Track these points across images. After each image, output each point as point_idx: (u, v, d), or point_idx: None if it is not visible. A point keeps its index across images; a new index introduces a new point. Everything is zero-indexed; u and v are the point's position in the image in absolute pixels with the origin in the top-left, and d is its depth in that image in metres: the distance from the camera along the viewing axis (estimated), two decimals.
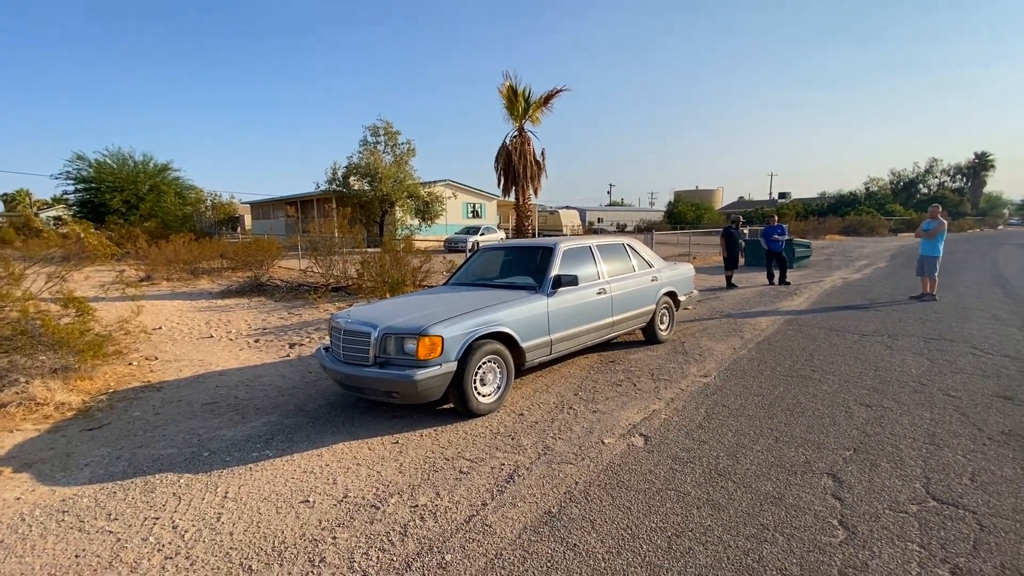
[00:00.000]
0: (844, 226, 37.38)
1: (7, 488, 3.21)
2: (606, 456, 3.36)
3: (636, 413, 4.09)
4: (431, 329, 3.75)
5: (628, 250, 6.02)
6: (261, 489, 3.06)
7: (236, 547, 2.51)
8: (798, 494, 2.84)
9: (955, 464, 3.15)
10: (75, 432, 4.12)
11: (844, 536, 2.46)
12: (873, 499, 2.78)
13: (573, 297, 4.86)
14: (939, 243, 8.82)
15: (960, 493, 2.82)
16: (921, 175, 60.32)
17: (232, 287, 12.22)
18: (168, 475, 3.30)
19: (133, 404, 4.80)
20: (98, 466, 3.48)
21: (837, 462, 3.21)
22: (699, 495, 2.85)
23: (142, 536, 2.63)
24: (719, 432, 3.69)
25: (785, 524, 2.57)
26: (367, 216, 24.08)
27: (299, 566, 2.35)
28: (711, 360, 5.58)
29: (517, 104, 12.07)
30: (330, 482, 3.12)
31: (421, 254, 11.13)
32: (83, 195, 27.65)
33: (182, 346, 7.15)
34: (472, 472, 3.19)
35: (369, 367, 3.88)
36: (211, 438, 3.90)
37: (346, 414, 4.28)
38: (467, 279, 5.59)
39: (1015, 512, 2.63)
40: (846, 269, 15.04)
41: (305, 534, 2.59)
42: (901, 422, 3.80)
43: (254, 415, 4.38)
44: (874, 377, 4.89)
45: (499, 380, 4.20)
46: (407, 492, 2.97)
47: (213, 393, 5.06)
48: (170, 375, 5.75)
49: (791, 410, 4.09)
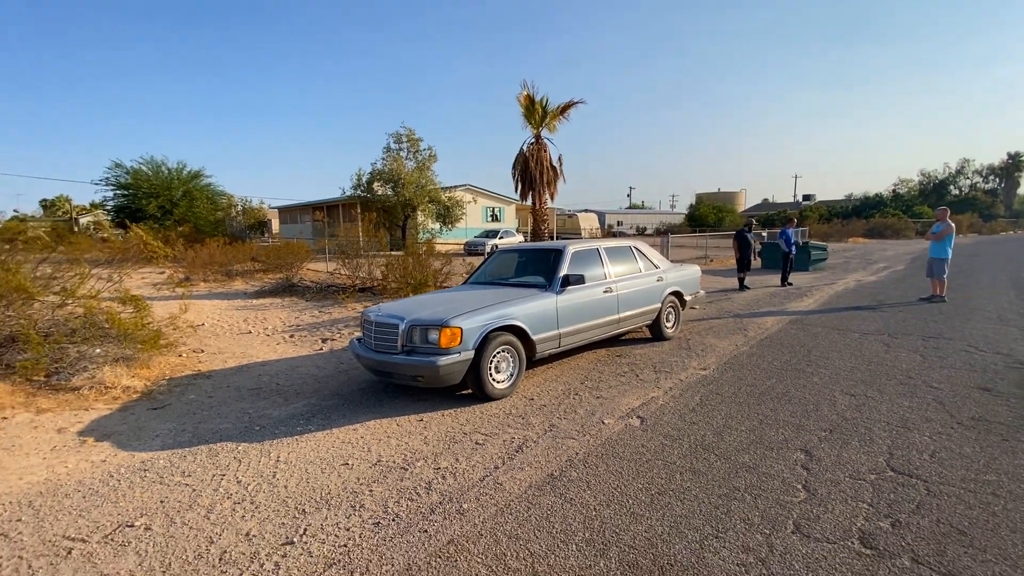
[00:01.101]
0: (868, 228, 36.81)
1: (93, 453, 3.81)
2: (605, 433, 3.80)
3: (636, 399, 4.51)
4: (452, 321, 4.25)
5: (634, 252, 6.44)
6: (307, 455, 3.59)
7: (291, 496, 3.03)
8: (771, 465, 3.24)
9: (920, 443, 3.50)
10: (142, 411, 4.72)
11: (804, 496, 2.86)
12: (837, 469, 3.16)
13: (580, 295, 5.30)
14: (947, 245, 8.98)
15: (917, 466, 3.18)
16: (952, 176, 58.77)
17: (265, 288, 12.96)
18: (227, 444, 3.85)
19: (188, 389, 5.41)
20: (167, 437, 4.06)
21: (812, 440, 3.59)
22: (683, 464, 3.27)
23: (213, 488, 3.17)
24: (709, 415, 4.10)
25: (755, 487, 2.97)
26: (390, 220, 24.84)
27: (343, 509, 2.85)
28: (712, 355, 5.95)
29: (535, 112, 12.55)
30: (365, 450, 3.64)
31: (442, 257, 11.68)
32: (121, 201, 29.08)
33: (224, 341, 7.79)
34: (486, 443, 3.66)
35: (397, 354, 4.39)
36: (260, 416, 4.46)
37: (376, 397, 4.80)
38: (484, 279, 6.08)
39: (963, 482, 2.98)
40: (862, 272, 15.10)
41: (346, 487, 3.10)
42: (880, 409, 4.15)
43: (295, 398, 4.93)
44: (865, 371, 5.21)
45: (512, 368, 4.67)
46: (431, 458, 3.47)
47: (257, 380, 5.64)
48: (217, 365, 6.37)
49: (779, 398, 4.46)
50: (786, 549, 2.40)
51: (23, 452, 3.81)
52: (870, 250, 24.96)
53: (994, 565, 2.27)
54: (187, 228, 25.03)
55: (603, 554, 2.41)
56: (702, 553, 2.39)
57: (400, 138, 24.24)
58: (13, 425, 4.32)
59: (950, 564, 2.28)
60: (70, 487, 3.25)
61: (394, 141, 24.25)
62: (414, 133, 24.15)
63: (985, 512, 2.67)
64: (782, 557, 2.35)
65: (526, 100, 12.43)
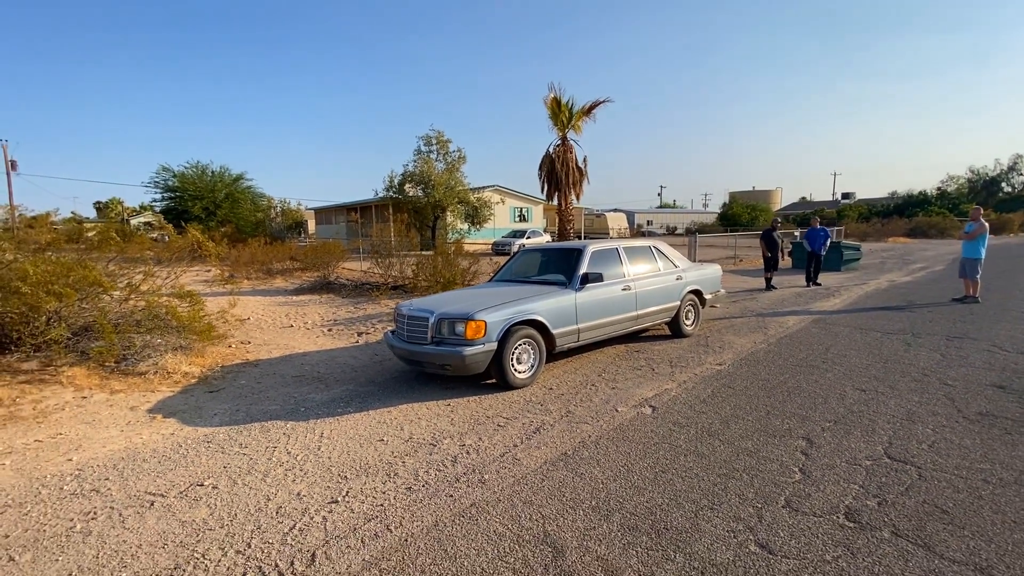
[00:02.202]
0: (911, 228, 35.50)
1: (162, 427, 4.33)
2: (617, 420, 4.09)
3: (649, 390, 4.78)
4: (477, 315, 4.61)
5: (654, 251, 6.67)
6: (347, 432, 4.01)
7: (334, 465, 3.44)
8: (772, 450, 3.47)
9: (921, 435, 3.65)
10: (200, 394, 5.26)
11: (799, 478, 3.09)
12: (835, 456, 3.36)
13: (599, 292, 5.59)
14: (980, 245, 8.84)
15: (913, 454, 3.35)
16: (1004, 173, 55.91)
17: (304, 285, 13.66)
18: (277, 422, 4.31)
19: (239, 375, 5.94)
20: (224, 415, 4.55)
21: (815, 430, 3.79)
22: (688, 447, 3.54)
23: (267, 456, 3.62)
24: (719, 406, 4.33)
25: (753, 469, 3.22)
26: (420, 221, 25.52)
27: (379, 477, 3.24)
28: (729, 352, 6.14)
29: (561, 115, 12.84)
30: (398, 428, 4.03)
31: (470, 256, 12.10)
32: (168, 203, 30.79)
33: (268, 333, 8.39)
34: (507, 426, 4.01)
35: (427, 345, 4.78)
36: (304, 399, 4.93)
37: (408, 385, 5.21)
38: (509, 276, 6.43)
39: (956, 469, 3.15)
40: (897, 272, 14.77)
41: (382, 459, 3.50)
42: (888, 403, 4.29)
43: (335, 384, 5.39)
44: (880, 368, 5.32)
45: (533, 360, 5.00)
46: (456, 436, 3.83)
47: (300, 369, 6.14)
48: (263, 355, 6.92)
49: (790, 392, 4.65)
50: (774, 520, 2.66)
51: (103, 426, 4.37)
52: (910, 250, 24.17)
53: (969, 540, 2.47)
54: (229, 229, 26.36)
55: (607, 518, 2.71)
56: (696, 520, 2.67)
57: (430, 140, 24.89)
58: (92, 403, 4.91)
59: (928, 537, 2.49)
60: (146, 454, 3.75)
61: (424, 144, 24.92)
62: (443, 135, 24.77)
63: (972, 496, 2.85)
64: (769, 527, 2.60)
65: (552, 103, 12.73)
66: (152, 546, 2.61)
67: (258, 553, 2.51)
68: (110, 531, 2.76)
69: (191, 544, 2.61)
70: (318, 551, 2.51)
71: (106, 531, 2.77)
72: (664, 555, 2.40)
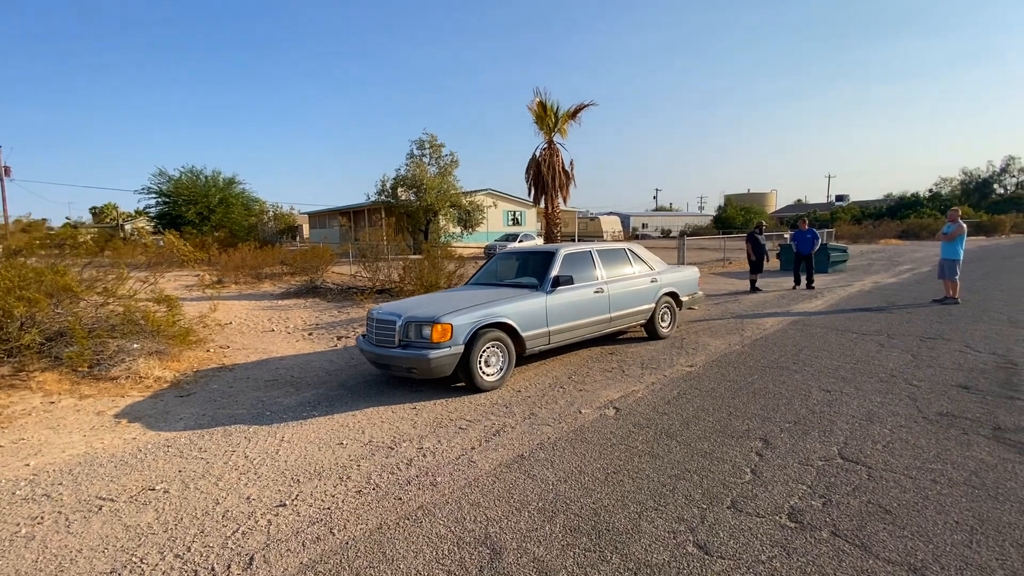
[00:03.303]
0: (902, 230, 35.67)
1: (125, 432, 4.31)
2: (579, 421, 4.09)
3: (616, 392, 4.78)
4: (443, 318, 4.61)
5: (629, 254, 6.69)
6: (308, 436, 4.01)
7: (289, 469, 3.44)
8: (726, 451, 3.48)
9: (877, 435, 3.67)
10: (170, 398, 5.25)
11: (749, 479, 3.10)
12: (788, 456, 3.37)
13: (570, 295, 5.60)
14: (959, 246, 8.89)
15: (867, 455, 3.36)
16: (996, 174, 56.24)
17: (291, 290, 13.64)
18: (241, 426, 4.31)
19: (212, 380, 5.93)
20: (189, 420, 4.54)
21: (773, 431, 3.80)
22: (643, 448, 3.54)
23: (223, 461, 3.61)
24: (682, 407, 4.34)
25: (705, 469, 3.22)
26: (413, 225, 25.54)
27: (332, 480, 3.24)
28: (702, 354, 6.15)
29: (547, 118, 12.88)
30: (359, 432, 4.03)
31: (456, 259, 12.11)
32: (162, 208, 30.72)
33: (248, 338, 8.37)
34: (468, 428, 4.01)
35: (394, 348, 4.79)
36: (272, 403, 4.92)
37: (378, 388, 5.20)
38: (484, 279, 6.44)
39: (906, 469, 3.16)
40: (883, 273, 14.83)
41: (337, 462, 3.50)
42: (850, 404, 4.31)
43: (305, 388, 5.38)
44: (850, 369, 5.34)
45: (502, 362, 5.00)
46: (416, 439, 3.83)
47: (274, 373, 6.13)
48: (240, 359, 6.91)
49: (755, 393, 4.66)
50: (716, 521, 2.66)
51: (67, 430, 4.35)
52: (900, 252, 24.27)
53: (908, 540, 2.47)
54: (223, 233, 26.34)
55: (550, 520, 2.71)
56: (639, 522, 2.67)
57: (423, 144, 24.95)
58: (60, 408, 4.90)
59: (866, 537, 2.50)
60: (104, 459, 3.74)
61: (417, 147, 24.96)
62: (436, 139, 24.83)
63: (917, 496, 2.86)
64: (710, 528, 2.61)
65: (538, 107, 12.78)
66: (92, 551, 2.60)
67: (196, 557, 2.51)
68: (54, 536, 2.76)
69: (131, 548, 2.61)
70: (257, 555, 2.50)
71: (50, 536, 2.76)
72: (601, 556, 2.40)
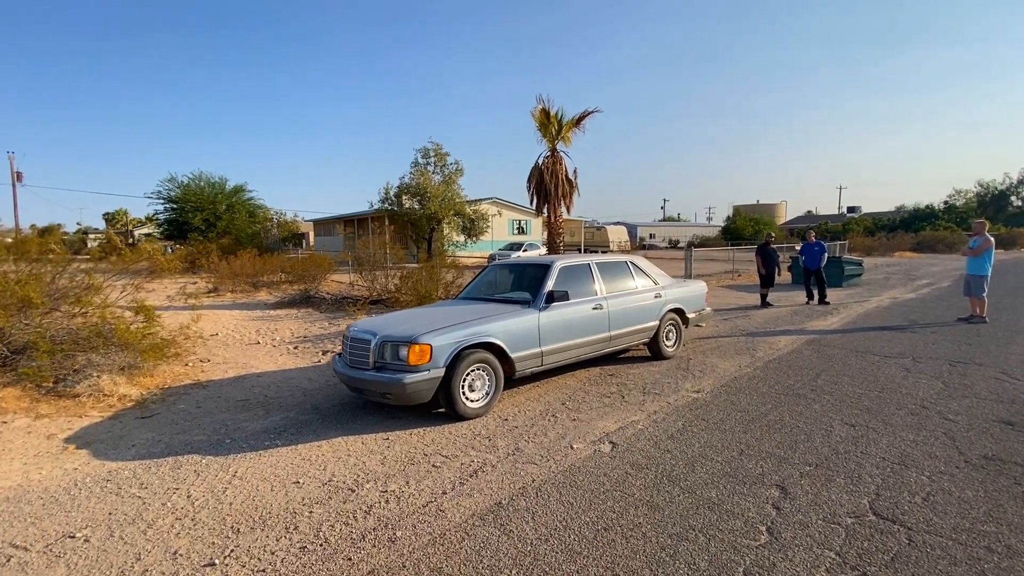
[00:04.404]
0: (917, 242, 34.82)
1: (69, 460, 3.90)
2: (570, 459, 3.62)
3: (614, 423, 4.30)
4: (421, 338, 4.17)
5: (631, 267, 6.22)
6: (264, 471, 3.56)
7: (232, 514, 2.99)
8: (738, 502, 2.99)
9: (914, 484, 3.16)
10: (130, 420, 4.83)
11: (765, 540, 2.61)
12: (811, 511, 2.88)
13: (566, 312, 5.14)
14: (986, 261, 8.32)
15: (904, 510, 2.86)
16: (1013, 186, 55.09)
17: (285, 299, 13.29)
18: (194, 456, 3.87)
19: (181, 398, 5.52)
20: (142, 447, 4.12)
21: (792, 475, 3.30)
22: (641, 497, 3.06)
23: (162, 501, 3.17)
24: (687, 443, 3.85)
25: (713, 526, 2.74)
26: (416, 233, 25.22)
27: (276, 531, 2.79)
28: (710, 377, 5.65)
29: (550, 126, 12.51)
30: (321, 468, 3.58)
31: (454, 269, 11.70)
32: (171, 214, 30.72)
33: (232, 351, 7.98)
34: (443, 466, 3.55)
35: (368, 371, 4.34)
36: (236, 428, 4.49)
37: (352, 413, 4.76)
38: (475, 293, 6.00)
39: (954, 531, 2.66)
40: (901, 288, 14.22)
41: (288, 507, 3.05)
42: (879, 442, 3.79)
43: (276, 411, 4.95)
44: (874, 398, 4.82)
45: (488, 387, 4.54)
46: (382, 479, 3.37)
47: (248, 392, 5.71)
48: (216, 375, 6.50)
49: (769, 426, 4.16)
50: None
51: (8, 457, 3.95)
52: (916, 265, 23.55)
53: None
54: (228, 240, 26.18)
55: None
56: None
57: (428, 153, 24.66)
58: (10, 430, 4.50)
59: None
60: (34, 495, 3.32)
61: (422, 156, 24.69)
62: (441, 148, 24.54)
63: (972, 570, 2.35)
64: None
65: (541, 114, 12.40)
66: None
67: None
68: None
69: None
70: None
71: None
72: None
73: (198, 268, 20.02)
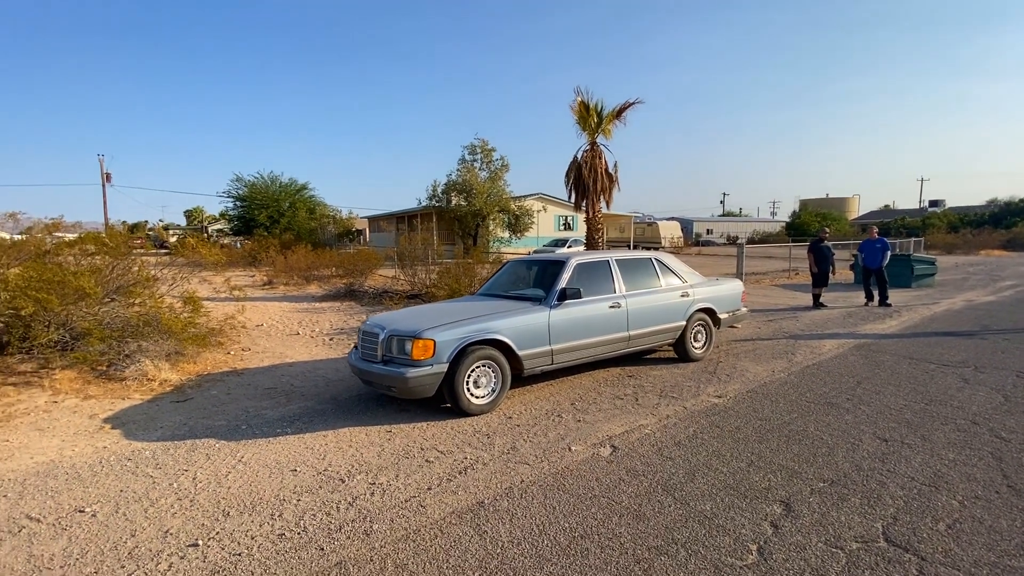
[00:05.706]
0: (1008, 239, 31.47)
1: (102, 439, 4.21)
2: (565, 461, 3.52)
3: (620, 426, 4.14)
4: (425, 333, 4.19)
5: (655, 265, 5.97)
6: (267, 458, 3.70)
7: (227, 497, 3.13)
8: (733, 516, 2.79)
9: (941, 509, 2.83)
10: (166, 403, 5.17)
11: (752, 560, 2.42)
12: (813, 531, 2.64)
13: (579, 310, 5.00)
14: None
15: (922, 538, 2.57)
16: None
17: (331, 292, 13.82)
18: (210, 440, 4.08)
19: (216, 385, 5.84)
20: (167, 429, 4.39)
21: (801, 492, 3.05)
22: (629, 505, 2.92)
23: (170, 481, 3.36)
24: (694, 451, 3.64)
25: (698, 541, 2.57)
26: (463, 229, 25.53)
27: (262, 517, 2.89)
28: (737, 382, 5.34)
29: (589, 119, 12.25)
30: (320, 457, 3.67)
31: (489, 265, 11.73)
32: (239, 211, 32.81)
33: (272, 341, 8.38)
34: (436, 462, 3.54)
35: (376, 363, 4.42)
36: (256, 416, 4.70)
37: (364, 405, 4.86)
38: (493, 290, 5.97)
39: (974, 564, 2.35)
40: (980, 290, 12.88)
41: (279, 495, 3.14)
42: (911, 460, 3.44)
43: (296, 400, 5.14)
44: (919, 411, 4.38)
45: (494, 384, 4.50)
46: (374, 471, 3.42)
47: (276, 380, 5.97)
48: (253, 364, 6.84)
49: (789, 437, 3.87)
50: None
51: (51, 434, 4.32)
52: (1003, 264, 21.29)
53: None
54: (289, 236, 27.62)
55: None
56: None
57: (474, 149, 24.87)
58: (59, 408, 4.93)
59: None
60: (62, 470, 3.61)
61: (468, 152, 24.93)
62: (487, 144, 24.67)
63: None
64: None
65: (580, 107, 12.16)
66: None
67: None
68: None
69: None
70: None
71: None
72: None
73: (259, 262, 21.22)
